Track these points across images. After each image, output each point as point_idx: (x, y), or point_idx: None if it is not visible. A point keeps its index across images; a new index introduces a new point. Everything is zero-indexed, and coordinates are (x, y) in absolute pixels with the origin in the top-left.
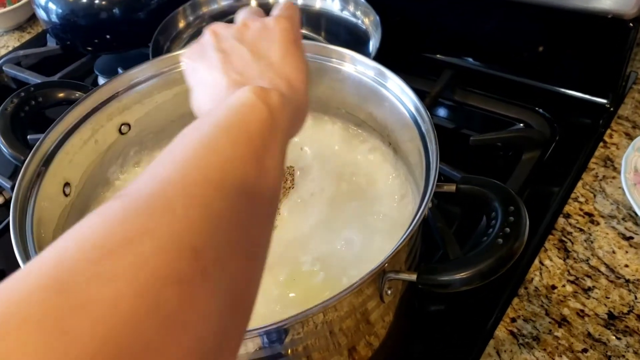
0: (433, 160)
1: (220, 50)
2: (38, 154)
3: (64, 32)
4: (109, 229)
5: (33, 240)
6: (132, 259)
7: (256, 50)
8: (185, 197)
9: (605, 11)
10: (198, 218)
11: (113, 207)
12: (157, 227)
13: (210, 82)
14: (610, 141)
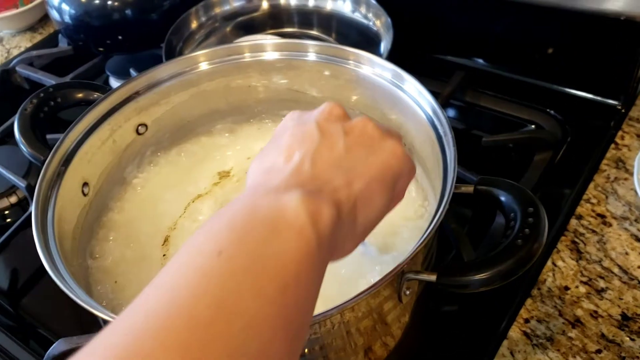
0: (451, 162)
1: (320, 129)
2: (58, 154)
3: (76, 32)
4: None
5: (55, 239)
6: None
7: (351, 152)
8: (204, 341)
9: (617, 13)
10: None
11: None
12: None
13: (280, 151)
14: (622, 143)
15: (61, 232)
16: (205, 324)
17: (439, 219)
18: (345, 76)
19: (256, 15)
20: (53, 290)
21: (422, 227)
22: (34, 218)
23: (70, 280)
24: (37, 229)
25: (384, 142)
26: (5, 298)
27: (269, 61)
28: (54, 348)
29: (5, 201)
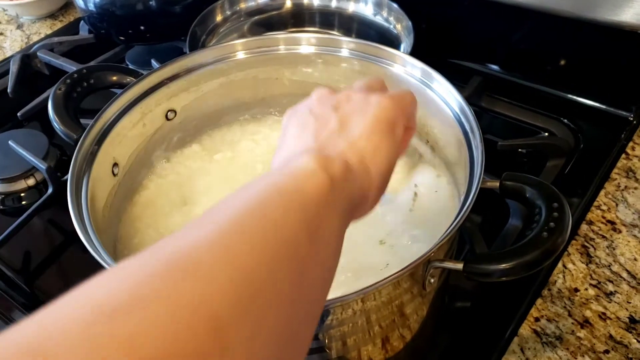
0: (478, 157)
1: (313, 114)
2: (92, 133)
3: (100, 21)
4: (115, 288)
5: (89, 217)
6: (133, 326)
7: (345, 122)
8: (216, 260)
9: (633, 25)
10: (229, 286)
11: (129, 265)
12: (172, 291)
13: (290, 143)
14: (633, 153)
15: (93, 209)
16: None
17: (466, 210)
18: (373, 73)
19: (279, 13)
20: (66, 272)
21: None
22: (70, 194)
23: (104, 252)
24: (72, 204)
25: (369, 101)
26: (21, 277)
27: (301, 55)
28: None
29: (22, 183)
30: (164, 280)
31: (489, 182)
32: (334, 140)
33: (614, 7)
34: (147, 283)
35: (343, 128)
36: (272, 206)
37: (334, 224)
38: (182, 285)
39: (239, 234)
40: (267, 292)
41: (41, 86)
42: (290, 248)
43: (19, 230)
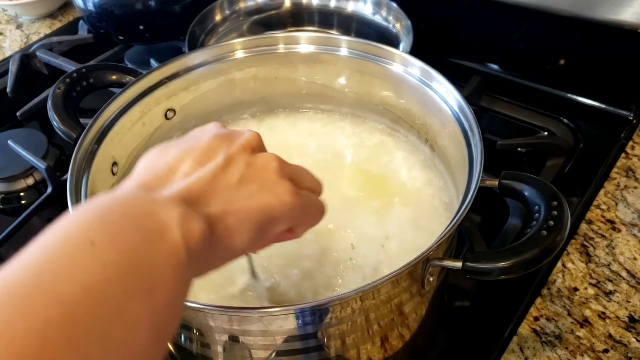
0: (477, 155)
1: (228, 155)
2: (91, 131)
3: (99, 20)
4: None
5: None
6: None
7: (243, 184)
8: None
9: (633, 24)
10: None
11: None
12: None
13: (184, 157)
14: (632, 153)
15: None
16: (68, 304)
17: (465, 209)
18: (373, 72)
19: (278, 12)
20: None
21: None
22: (69, 193)
23: None
24: (72, 203)
25: (277, 186)
26: None
27: (300, 54)
28: None
29: (22, 182)
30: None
31: (487, 181)
32: (217, 197)
33: (614, 6)
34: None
35: (235, 190)
36: (116, 267)
37: (180, 290)
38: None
39: (77, 291)
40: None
41: (40, 86)
42: (131, 307)
43: (19, 229)
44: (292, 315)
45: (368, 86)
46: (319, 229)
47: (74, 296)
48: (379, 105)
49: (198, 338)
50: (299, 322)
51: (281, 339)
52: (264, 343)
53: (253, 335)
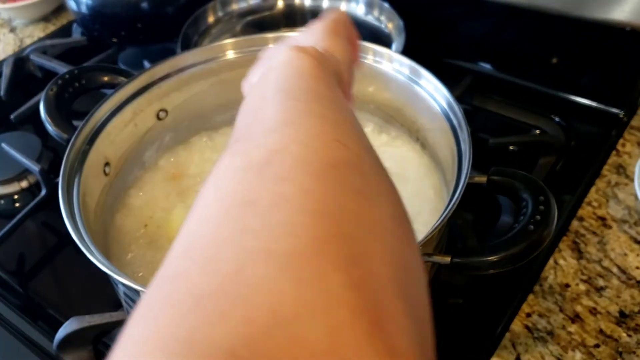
0: (466, 151)
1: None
2: (83, 132)
3: (92, 22)
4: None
5: (81, 215)
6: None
7: (300, 37)
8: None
9: (623, 23)
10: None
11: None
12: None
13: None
14: (623, 150)
15: (85, 208)
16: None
17: (453, 205)
18: (362, 70)
19: (271, 14)
20: (61, 274)
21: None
22: (61, 193)
23: (96, 250)
24: (63, 203)
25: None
26: (15, 279)
27: None
28: (66, 326)
29: (16, 185)
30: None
31: (476, 177)
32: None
33: (603, 5)
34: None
35: (300, 41)
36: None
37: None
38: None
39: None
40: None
41: (34, 89)
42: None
43: (13, 232)
44: None
45: (359, 85)
46: None
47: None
48: (370, 104)
49: None
50: None
51: None
52: None
53: None
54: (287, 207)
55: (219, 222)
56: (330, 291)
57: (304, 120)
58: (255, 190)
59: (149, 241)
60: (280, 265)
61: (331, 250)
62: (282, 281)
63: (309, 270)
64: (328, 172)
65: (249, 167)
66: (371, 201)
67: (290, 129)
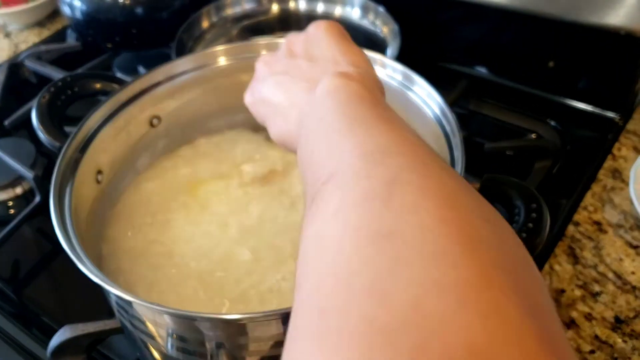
0: (459, 159)
1: (276, 73)
2: (75, 141)
3: (86, 28)
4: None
5: (72, 224)
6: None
7: (310, 57)
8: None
9: (618, 27)
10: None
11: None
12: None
13: (280, 104)
14: (619, 154)
15: (77, 217)
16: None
17: None
18: None
19: (265, 18)
20: (55, 281)
21: None
22: (52, 201)
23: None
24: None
25: (318, 29)
26: (9, 286)
27: None
28: (60, 334)
29: (10, 192)
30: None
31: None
32: (320, 69)
33: (598, 9)
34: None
35: (315, 60)
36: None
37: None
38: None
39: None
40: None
41: (29, 95)
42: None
43: (7, 239)
44: (276, 320)
45: None
46: None
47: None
48: None
49: (185, 346)
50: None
51: (267, 344)
52: (250, 349)
53: (239, 341)
54: (434, 238)
55: (366, 255)
56: (512, 322)
57: (397, 147)
58: (390, 221)
59: (142, 249)
60: (457, 297)
61: (498, 281)
62: (466, 313)
63: (486, 302)
64: (454, 200)
65: (370, 199)
66: (498, 228)
67: (392, 158)
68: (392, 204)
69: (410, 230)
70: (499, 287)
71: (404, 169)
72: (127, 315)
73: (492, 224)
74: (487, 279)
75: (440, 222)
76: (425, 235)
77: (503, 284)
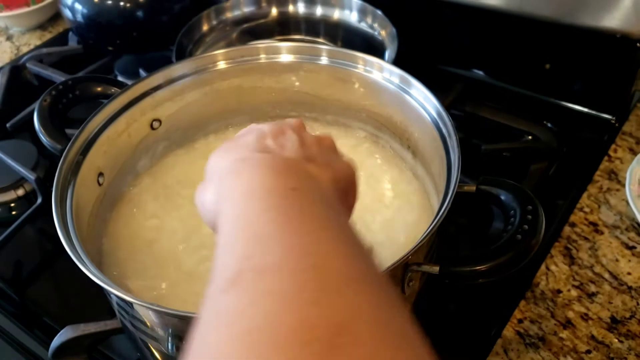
0: (455, 161)
1: (299, 137)
2: (77, 143)
3: (88, 31)
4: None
5: (74, 226)
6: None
7: (324, 154)
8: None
9: (614, 30)
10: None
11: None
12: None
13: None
14: (615, 155)
15: (78, 219)
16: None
17: (443, 213)
18: (354, 80)
19: (265, 21)
20: (56, 281)
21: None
22: (54, 203)
23: (88, 260)
24: (56, 213)
25: (341, 157)
26: (11, 287)
27: (282, 63)
28: (62, 335)
29: (12, 193)
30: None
31: (466, 187)
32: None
33: (594, 13)
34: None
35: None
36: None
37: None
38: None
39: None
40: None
41: (30, 97)
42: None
43: (10, 240)
44: None
45: (350, 94)
46: None
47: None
48: (362, 113)
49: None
50: None
51: None
52: None
53: None
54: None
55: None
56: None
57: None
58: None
59: (143, 250)
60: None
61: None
62: None
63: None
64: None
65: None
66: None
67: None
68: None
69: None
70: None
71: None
72: (128, 315)
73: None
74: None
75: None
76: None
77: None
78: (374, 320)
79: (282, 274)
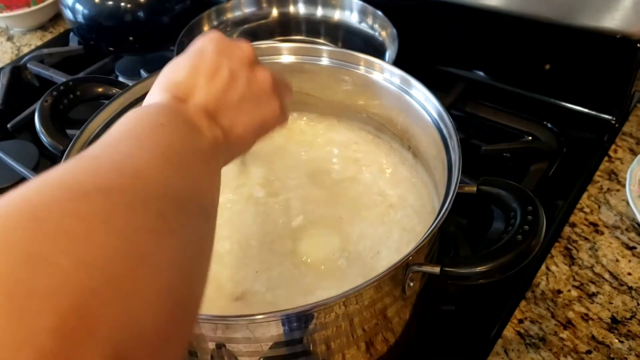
0: (455, 162)
1: (232, 72)
2: (78, 144)
3: (88, 32)
4: (83, 176)
5: None
6: (105, 205)
7: (244, 102)
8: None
9: (613, 31)
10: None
11: (86, 161)
12: (128, 187)
13: (195, 73)
14: (615, 156)
15: None
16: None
17: (443, 214)
18: (355, 80)
19: (265, 22)
20: None
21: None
22: None
23: None
24: None
25: (270, 101)
26: None
27: (283, 64)
28: None
29: None
30: (119, 178)
31: (466, 187)
32: (225, 113)
33: (594, 13)
34: (108, 177)
35: (239, 107)
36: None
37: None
38: (134, 183)
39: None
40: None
41: (31, 97)
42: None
43: None
44: (276, 321)
45: (350, 94)
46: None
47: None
48: (363, 113)
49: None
50: (284, 328)
51: (267, 345)
52: (250, 350)
53: (239, 342)
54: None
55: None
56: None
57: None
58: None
59: None
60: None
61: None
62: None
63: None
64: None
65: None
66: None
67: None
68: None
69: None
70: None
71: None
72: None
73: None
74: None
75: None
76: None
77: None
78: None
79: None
